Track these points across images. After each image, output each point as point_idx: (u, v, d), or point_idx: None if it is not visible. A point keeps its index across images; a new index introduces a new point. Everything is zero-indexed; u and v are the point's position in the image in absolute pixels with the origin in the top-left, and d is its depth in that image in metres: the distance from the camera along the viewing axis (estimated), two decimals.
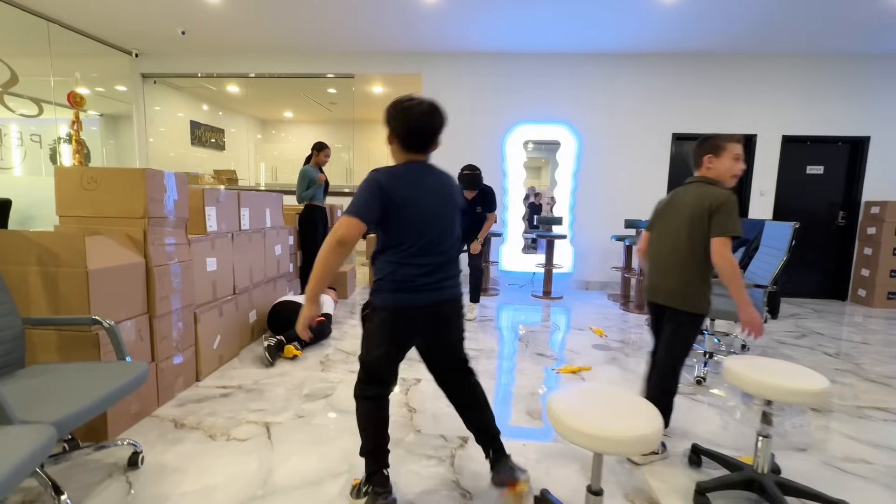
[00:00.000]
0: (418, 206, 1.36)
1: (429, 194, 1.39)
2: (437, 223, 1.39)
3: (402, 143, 1.40)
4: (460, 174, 3.57)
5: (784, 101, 4.94)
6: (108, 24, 4.63)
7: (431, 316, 1.43)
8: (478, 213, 3.71)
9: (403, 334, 1.43)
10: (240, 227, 2.93)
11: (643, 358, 3.03)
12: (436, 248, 1.39)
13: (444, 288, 1.42)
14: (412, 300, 1.37)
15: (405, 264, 1.36)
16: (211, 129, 7.41)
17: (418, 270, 1.36)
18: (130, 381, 1.53)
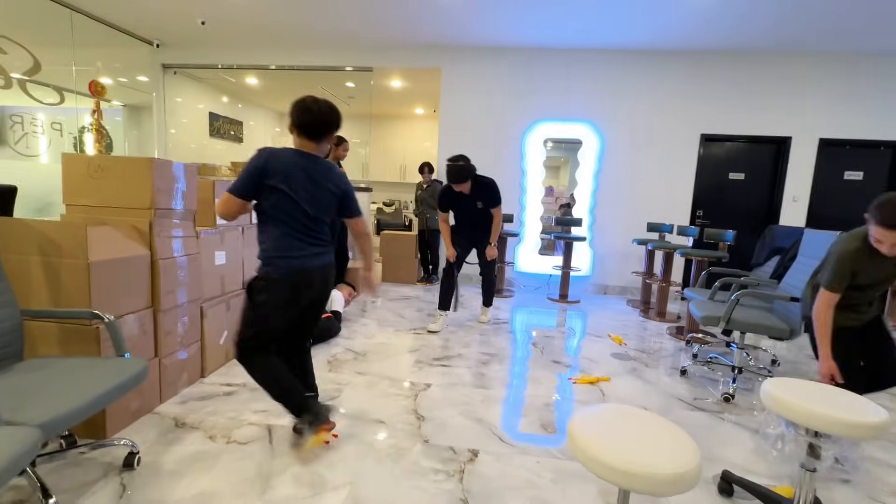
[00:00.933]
0: (293, 187, 1.58)
1: (304, 178, 1.60)
2: (310, 203, 1.62)
3: (300, 132, 1.65)
4: (446, 167, 3.20)
5: (821, 102, 4.67)
6: (130, 13, 4.63)
7: (317, 278, 1.70)
8: (480, 210, 3.33)
9: (292, 298, 1.65)
10: (251, 221, 2.87)
11: (664, 369, 2.87)
12: (309, 224, 1.64)
13: (317, 256, 1.69)
14: (297, 265, 1.62)
15: (285, 236, 1.61)
16: (230, 122, 7.42)
17: (295, 242, 1.62)
18: (128, 379, 1.46)
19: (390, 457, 1.76)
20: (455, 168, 3.15)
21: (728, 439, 2.03)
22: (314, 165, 1.64)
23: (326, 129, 1.64)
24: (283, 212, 1.59)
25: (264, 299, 1.63)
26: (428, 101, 7.05)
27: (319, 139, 1.65)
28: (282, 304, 1.64)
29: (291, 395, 1.67)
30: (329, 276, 1.78)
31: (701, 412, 2.31)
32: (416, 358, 2.86)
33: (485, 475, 1.68)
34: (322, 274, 1.73)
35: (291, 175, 1.58)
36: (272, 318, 1.65)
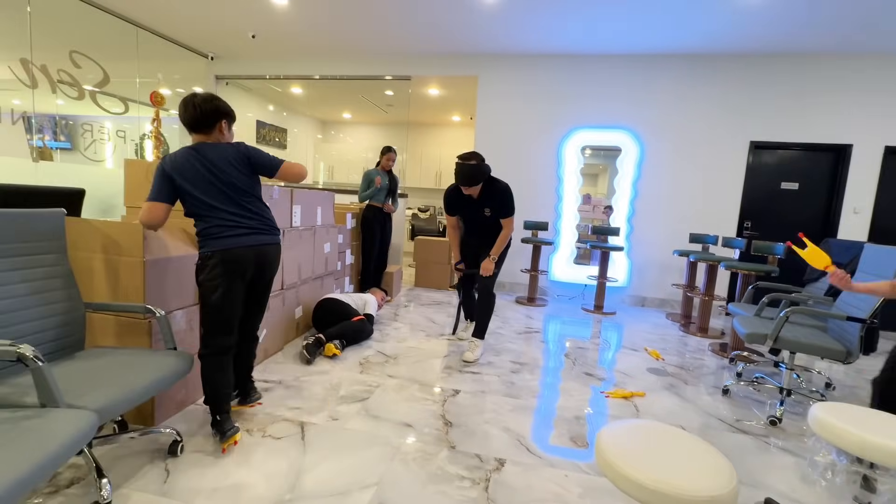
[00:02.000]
0: (192, 183, 1.68)
1: (200, 170, 1.70)
2: (220, 187, 1.72)
3: (186, 129, 1.76)
4: (456, 165, 2.74)
5: (887, 106, 4.33)
6: (187, 28, 4.98)
7: (252, 256, 1.77)
8: (489, 219, 2.85)
9: (234, 273, 1.72)
10: (291, 224, 2.99)
11: (704, 387, 2.74)
12: (229, 208, 1.73)
13: (247, 236, 1.76)
14: (232, 243, 1.71)
15: (210, 217, 1.71)
16: (275, 129, 7.77)
17: (222, 222, 1.71)
18: (175, 371, 1.57)
19: (416, 461, 1.77)
20: (466, 168, 2.67)
21: (773, 465, 1.91)
22: (208, 154, 1.72)
23: (205, 121, 1.74)
24: (197, 205, 1.71)
25: (202, 279, 1.72)
26: (465, 108, 7.10)
27: (202, 130, 1.75)
28: (221, 282, 1.70)
29: (219, 403, 1.79)
30: (268, 255, 1.84)
31: (744, 434, 2.18)
32: (445, 363, 2.87)
33: (511, 485, 1.66)
34: (257, 253, 1.79)
35: (186, 172, 1.69)
36: (213, 295, 1.71)
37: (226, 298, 1.73)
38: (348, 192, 6.53)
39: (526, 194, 5.12)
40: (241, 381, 2.04)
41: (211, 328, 1.76)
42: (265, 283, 1.92)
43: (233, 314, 1.78)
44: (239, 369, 2.00)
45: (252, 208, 1.81)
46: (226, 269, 1.71)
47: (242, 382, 2.04)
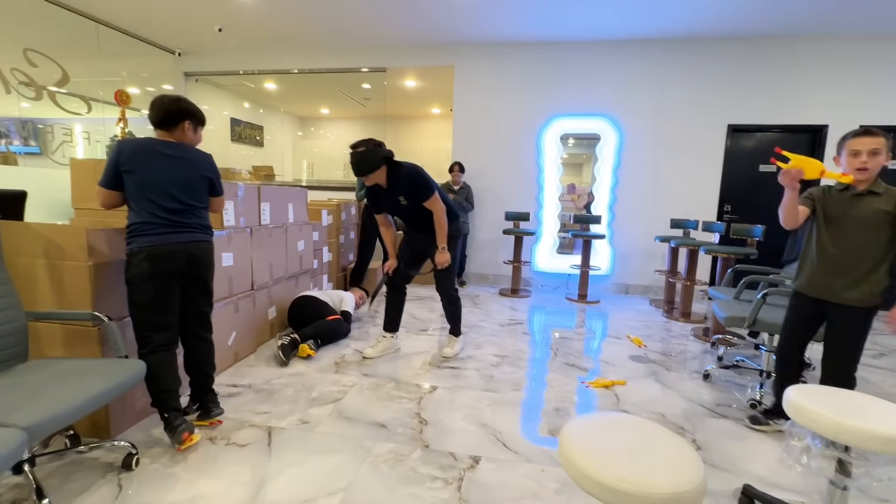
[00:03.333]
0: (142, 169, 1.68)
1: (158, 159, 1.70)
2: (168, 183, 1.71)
3: (153, 126, 1.77)
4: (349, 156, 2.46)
5: (862, 87, 4.34)
6: (150, 23, 4.78)
7: (183, 254, 1.74)
8: (415, 208, 2.55)
9: (162, 270, 1.69)
10: (259, 222, 2.88)
11: (686, 373, 2.71)
12: (167, 204, 1.70)
13: (180, 233, 1.73)
14: (161, 240, 1.68)
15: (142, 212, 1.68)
16: (251, 126, 7.59)
17: (155, 219, 1.68)
18: (124, 380, 1.47)
19: (388, 462, 1.71)
20: (356, 157, 2.40)
21: (753, 450, 1.89)
22: (172, 150, 1.75)
23: (171, 119, 1.76)
24: (138, 193, 1.68)
25: (129, 276, 1.68)
26: (443, 100, 7.00)
27: (166, 127, 1.77)
28: (149, 279, 1.67)
29: (163, 401, 1.73)
30: (199, 253, 1.80)
31: (724, 419, 2.16)
32: (424, 360, 2.80)
33: (485, 483, 1.61)
34: (188, 250, 1.76)
35: (141, 158, 1.68)
36: (140, 293, 1.68)
37: (154, 296, 1.69)
38: (330, 188, 6.41)
39: (507, 185, 5.06)
40: (199, 393, 1.93)
41: (143, 327, 1.71)
42: (200, 283, 1.86)
43: (163, 311, 1.74)
44: (194, 376, 1.92)
45: (193, 212, 1.79)
46: (153, 266, 1.67)
47: (200, 394, 1.92)
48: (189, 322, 1.87)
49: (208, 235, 1.87)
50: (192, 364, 1.91)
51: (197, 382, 1.92)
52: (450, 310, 2.88)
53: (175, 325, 1.80)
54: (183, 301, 1.83)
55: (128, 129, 4.32)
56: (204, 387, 1.93)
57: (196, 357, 1.91)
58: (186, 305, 1.85)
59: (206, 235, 1.86)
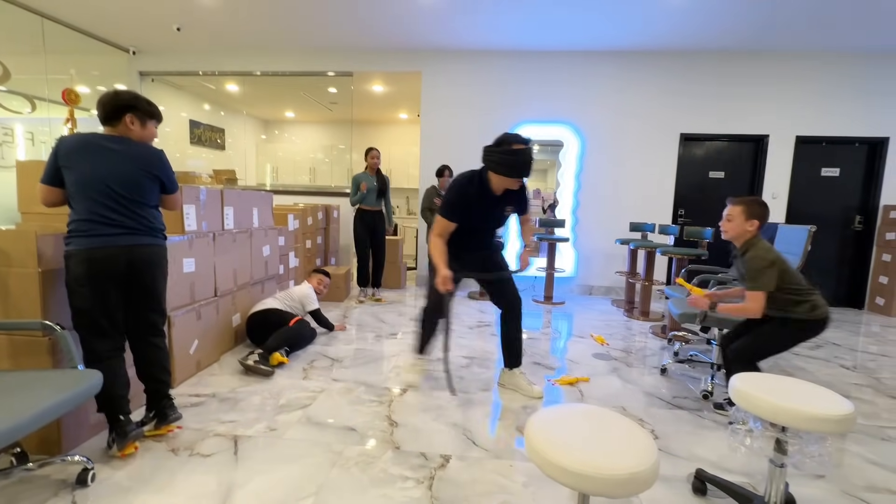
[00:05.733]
0: (79, 164, 1.60)
1: (97, 153, 1.63)
2: (109, 182, 1.61)
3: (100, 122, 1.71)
4: (504, 154, 2.06)
5: (798, 100, 4.73)
6: (102, 20, 4.57)
7: (122, 257, 1.64)
8: (498, 220, 2.35)
9: (100, 274, 1.60)
10: (223, 227, 2.81)
11: (645, 368, 2.86)
12: (109, 203, 1.61)
13: (121, 236, 1.64)
14: (93, 243, 1.58)
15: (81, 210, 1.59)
16: (211, 129, 7.34)
17: (94, 217, 1.59)
18: (77, 392, 1.40)
19: (359, 465, 1.71)
20: (528, 154, 2.05)
21: (705, 436, 2.01)
22: (113, 143, 1.67)
23: (112, 114, 1.68)
24: (78, 191, 1.59)
25: (67, 280, 1.61)
26: (411, 105, 7.04)
27: (108, 123, 1.70)
28: (85, 283, 1.59)
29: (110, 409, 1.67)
30: (143, 258, 1.70)
31: (679, 410, 2.29)
32: (394, 363, 2.81)
33: (455, 481, 1.64)
34: (129, 255, 1.66)
35: (80, 153, 1.61)
36: (78, 297, 1.60)
37: (92, 302, 1.61)
38: (296, 193, 6.29)
39: None
40: (153, 399, 1.84)
41: (83, 333, 1.64)
42: (145, 286, 1.75)
43: (103, 316, 1.65)
44: (146, 383, 1.84)
45: (138, 211, 1.69)
46: (90, 269, 1.58)
47: (155, 400, 1.84)
48: (136, 329, 1.79)
49: (156, 238, 1.76)
50: (143, 371, 1.83)
51: (150, 390, 1.84)
52: (513, 331, 2.45)
53: (118, 332, 1.72)
54: (127, 307, 1.74)
55: (76, 130, 4.10)
56: (158, 392, 1.84)
57: (146, 364, 1.83)
58: (131, 312, 1.76)
59: (153, 238, 1.75)
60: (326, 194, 5.81)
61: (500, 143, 2.10)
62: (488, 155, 2.12)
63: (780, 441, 1.30)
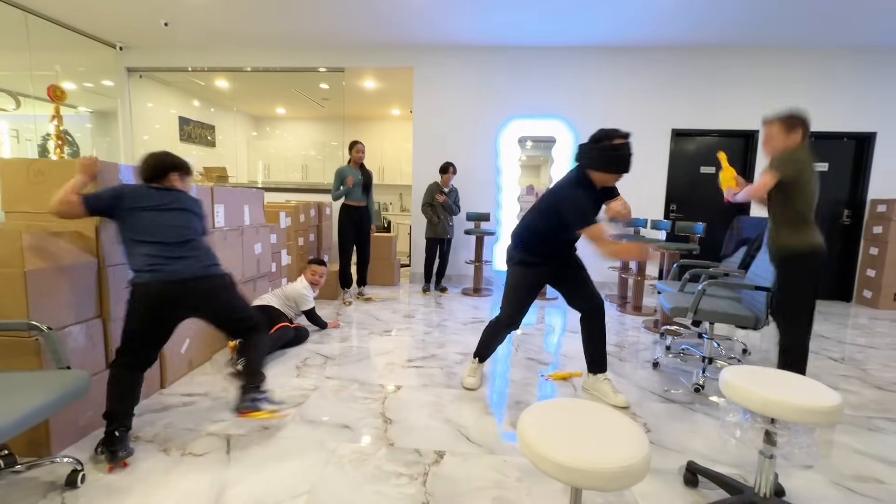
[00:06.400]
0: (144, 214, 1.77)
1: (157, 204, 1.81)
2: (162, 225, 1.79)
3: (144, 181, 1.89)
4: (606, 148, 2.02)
5: (787, 95, 4.77)
6: (88, 15, 4.48)
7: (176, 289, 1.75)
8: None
9: (153, 307, 1.73)
10: (213, 225, 2.78)
11: (638, 362, 2.88)
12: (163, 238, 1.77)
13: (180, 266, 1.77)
14: (154, 278, 1.71)
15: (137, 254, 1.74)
16: (201, 126, 7.26)
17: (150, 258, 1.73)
18: (65, 393, 1.38)
19: (352, 462, 1.71)
20: (630, 148, 2.03)
21: (696, 429, 2.03)
22: (166, 195, 1.85)
23: (158, 174, 1.88)
24: (129, 237, 1.76)
25: (127, 305, 1.74)
26: (403, 101, 7.01)
27: (158, 181, 1.89)
28: (139, 313, 1.72)
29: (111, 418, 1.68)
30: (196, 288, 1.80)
31: (672, 403, 2.31)
32: (388, 360, 2.81)
33: (450, 477, 1.64)
34: (182, 286, 1.77)
35: (140, 198, 1.79)
36: (130, 324, 1.73)
37: (141, 328, 1.74)
38: (288, 190, 6.24)
39: (467, 186, 5.14)
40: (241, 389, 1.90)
41: (122, 346, 1.74)
42: (206, 312, 1.88)
43: (146, 344, 1.77)
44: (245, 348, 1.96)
45: (188, 246, 1.83)
46: (146, 303, 1.71)
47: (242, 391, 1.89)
48: (237, 332, 1.98)
49: (210, 267, 1.86)
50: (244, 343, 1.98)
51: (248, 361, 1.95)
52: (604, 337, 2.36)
53: (156, 353, 1.83)
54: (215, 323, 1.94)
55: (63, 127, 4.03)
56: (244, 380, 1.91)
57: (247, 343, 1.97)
58: (221, 324, 1.95)
59: (209, 267, 1.85)
60: (319, 191, 5.78)
61: (598, 139, 2.03)
62: (589, 153, 2.05)
63: (769, 432, 1.32)
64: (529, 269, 2.26)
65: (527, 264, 2.26)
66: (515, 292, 2.29)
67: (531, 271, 2.26)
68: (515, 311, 2.30)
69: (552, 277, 2.33)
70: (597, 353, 2.37)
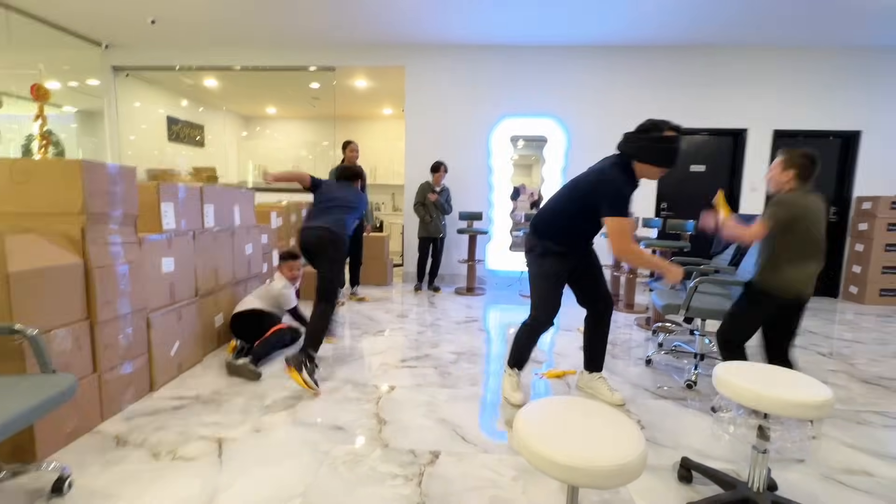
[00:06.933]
0: (332, 189, 2.83)
1: (337, 190, 2.83)
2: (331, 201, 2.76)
3: (337, 178, 3.06)
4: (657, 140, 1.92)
5: (775, 94, 4.84)
6: (71, 12, 4.40)
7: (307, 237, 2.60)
8: None
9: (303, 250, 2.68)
10: (203, 226, 2.74)
11: (631, 360, 2.89)
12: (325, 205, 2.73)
13: (317, 223, 2.63)
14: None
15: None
16: (190, 126, 7.16)
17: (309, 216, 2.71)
18: (50, 397, 1.35)
19: (347, 464, 1.69)
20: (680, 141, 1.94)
21: (690, 426, 2.05)
22: (342, 188, 2.88)
23: (348, 178, 2.98)
24: (319, 202, 2.77)
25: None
26: (395, 100, 6.98)
27: (349, 180, 2.97)
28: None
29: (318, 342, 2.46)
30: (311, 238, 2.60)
31: (665, 400, 2.32)
32: (382, 360, 2.79)
33: (445, 477, 1.63)
34: (308, 235, 2.60)
35: (331, 185, 2.89)
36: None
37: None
38: (279, 190, 6.18)
39: (459, 185, 5.13)
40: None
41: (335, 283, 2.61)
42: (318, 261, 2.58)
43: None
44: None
45: (336, 213, 2.69)
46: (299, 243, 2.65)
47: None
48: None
49: (329, 227, 2.57)
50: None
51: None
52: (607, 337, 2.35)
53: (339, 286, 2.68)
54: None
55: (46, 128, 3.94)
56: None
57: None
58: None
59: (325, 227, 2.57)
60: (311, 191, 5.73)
61: (648, 129, 1.92)
62: (637, 143, 1.95)
63: (762, 428, 1.33)
64: (557, 259, 2.12)
65: (553, 253, 2.11)
66: (546, 283, 2.15)
67: (558, 260, 2.12)
68: (550, 305, 2.17)
69: (572, 271, 2.21)
70: (597, 352, 2.35)
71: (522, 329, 2.27)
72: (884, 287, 4.68)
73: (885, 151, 4.85)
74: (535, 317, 2.20)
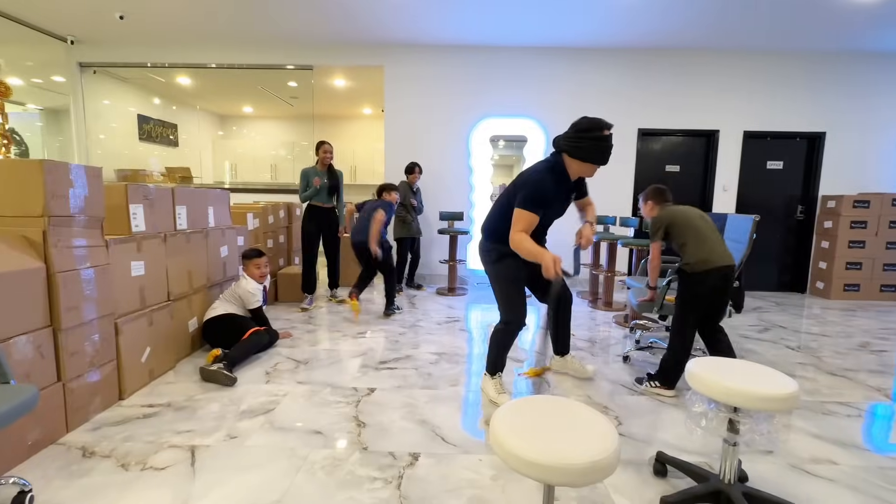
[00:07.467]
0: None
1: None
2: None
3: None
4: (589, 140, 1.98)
5: (745, 97, 4.99)
6: (35, 6, 4.22)
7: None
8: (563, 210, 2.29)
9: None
10: (175, 227, 2.67)
11: (609, 357, 2.94)
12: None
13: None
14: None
15: None
16: (162, 124, 6.96)
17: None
18: (10, 409, 1.29)
19: (325, 469, 1.66)
20: (611, 140, 2.00)
21: (665, 421, 2.09)
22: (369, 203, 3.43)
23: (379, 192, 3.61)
24: None
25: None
26: (374, 100, 6.94)
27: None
28: None
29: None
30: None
31: (641, 396, 2.37)
32: (361, 362, 2.76)
33: (424, 479, 1.62)
34: None
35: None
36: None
37: None
38: (256, 191, 6.07)
39: (439, 185, 5.13)
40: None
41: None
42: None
43: None
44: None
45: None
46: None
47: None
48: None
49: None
50: None
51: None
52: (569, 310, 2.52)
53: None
54: None
55: (8, 126, 3.77)
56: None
57: None
58: None
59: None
60: (288, 192, 5.65)
61: (587, 128, 1.98)
62: (572, 141, 2.01)
63: (732, 421, 1.36)
64: (512, 260, 2.13)
65: (507, 255, 2.13)
66: (508, 285, 2.20)
67: (514, 261, 2.13)
68: (517, 306, 2.20)
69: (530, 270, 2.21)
70: (563, 336, 2.61)
71: (495, 334, 2.30)
72: (847, 282, 4.88)
73: (848, 152, 5.06)
74: (506, 321, 2.25)
